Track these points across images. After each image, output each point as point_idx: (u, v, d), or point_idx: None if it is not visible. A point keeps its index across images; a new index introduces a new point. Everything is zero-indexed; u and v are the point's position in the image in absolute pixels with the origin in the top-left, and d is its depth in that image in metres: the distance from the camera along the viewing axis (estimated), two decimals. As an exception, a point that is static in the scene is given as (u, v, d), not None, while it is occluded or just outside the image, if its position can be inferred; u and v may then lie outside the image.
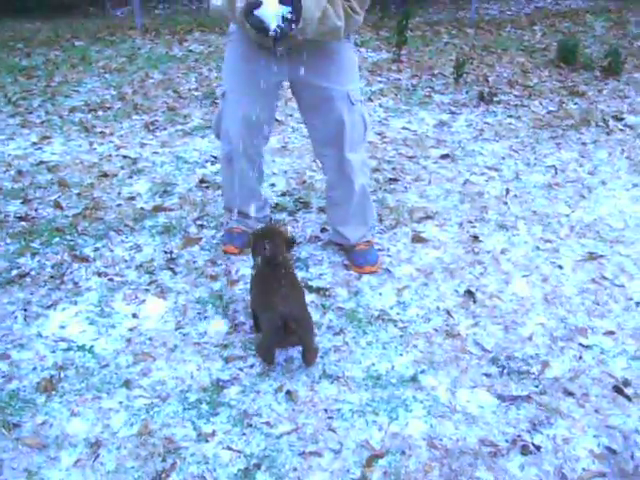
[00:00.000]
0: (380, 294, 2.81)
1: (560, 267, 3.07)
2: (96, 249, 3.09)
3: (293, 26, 2.26)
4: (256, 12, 2.22)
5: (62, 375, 2.30)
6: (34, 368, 2.34)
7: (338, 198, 2.99)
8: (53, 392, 2.23)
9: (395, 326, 2.61)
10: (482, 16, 9.48)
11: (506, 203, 3.65)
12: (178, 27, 7.75)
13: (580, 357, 2.49)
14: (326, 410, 2.19)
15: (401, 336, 2.56)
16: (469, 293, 2.83)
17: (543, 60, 6.96)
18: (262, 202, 3.19)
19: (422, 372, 2.37)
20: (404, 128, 4.77)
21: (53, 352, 2.42)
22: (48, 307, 2.68)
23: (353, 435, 2.10)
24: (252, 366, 2.38)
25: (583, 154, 4.38)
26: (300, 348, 2.33)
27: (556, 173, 4.07)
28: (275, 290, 2.32)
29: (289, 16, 2.22)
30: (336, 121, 2.77)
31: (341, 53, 2.74)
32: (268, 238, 2.49)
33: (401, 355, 2.45)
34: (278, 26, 2.22)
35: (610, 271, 3.05)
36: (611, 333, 2.63)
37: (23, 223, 3.31)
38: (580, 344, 2.56)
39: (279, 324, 2.21)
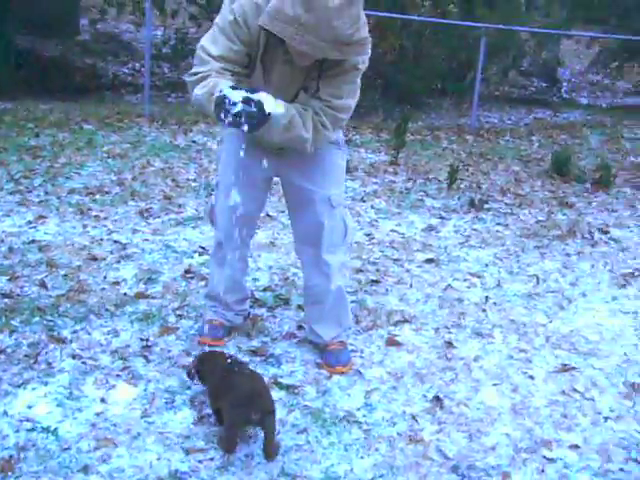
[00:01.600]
0: (348, 395, 2.83)
1: (531, 377, 3.10)
2: (74, 331, 3.13)
3: (254, 125, 2.32)
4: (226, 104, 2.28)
5: (22, 456, 2.31)
6: (-6, 447, 2.36)
7: (314, 296, 3.06)
8: (9, 473, 2.23)
9: (359, 428, 2.62)
10: (482, 124, 9.79)
11: (484, 310, 3.70)
12: (185, 117, 8.00)
13: (542, 470, 2.49)
14: (280, 510, 2.19)
15: (365, 438, 2.56)
16: (437, 399, 2.85)
17: (537, 170, 7.16)
18: (243, 295, 3.25)
19: (381, 476, 2.37)
20: (393, 230, 4.88)
21: (17, 432, 2.43)
22: (18, 386, 2.69)
23: (304, 537, 2.09)
24: (212, 459, 2.38)
25: (566, 265, 4.45)
26: (261, 444, 2.35)
27: (537, 283, 4.13)
28: (235, 382, 2.38)
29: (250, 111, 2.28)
30: (316, 222, 2.86)
31: (327, 158, 2.86)
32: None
33: (362, 458, 2.46)
34: (238, 113, 2.25)
35: (581, 384, 3.07)
36: (576, 447, 2.63)
37: (6, 300, 3.36)
38: (544, 457, 2.56)
39: (243, 413, 2.26)
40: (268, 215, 4.83)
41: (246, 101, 2.26)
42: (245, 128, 2.29)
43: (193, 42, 9.92)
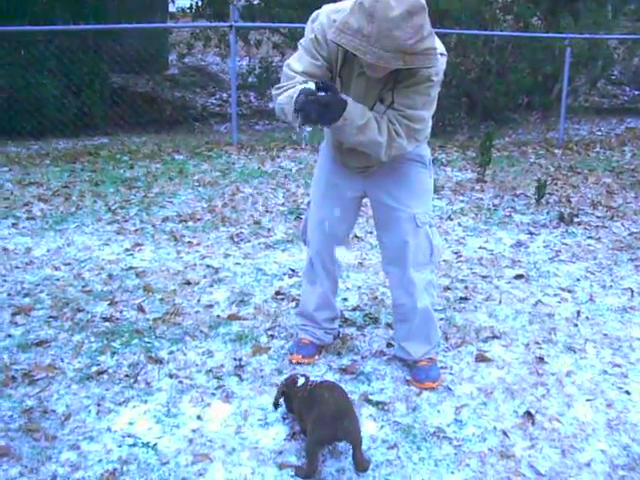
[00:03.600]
0: (438, 411, 2.83)
1: (627, 392, 3.02)
2: (171, 352, 3.27)
3: (327, 119, 2.43)
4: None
5: (125, 469, 2.43)
6: (100, 460, 2.48)
7: (402, 315, 3.09)
8: (114, 486, 2.35)
9: (450, 444, 2.62)
10: (571, 137, 9.60)
11: (576, 325, 3.64)
12: (272, 144, 8.18)
13: (641, 488, 2.44)
14: (371, 523, 2.22)
15: (455, 454, 2.57)
16: (528, 414, 2.82)
17: (631, 181, 6.98)
18: (333, 314, 3.31)
19: (472, 492, 2.38)
20: (481, 247, 4.85)
21: (119, 446, 2.56)
22: (120, 404, 2.83)
23: None
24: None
25: (662, 278, 4.33)
26: (351, 459, 2.40)
27: (632, 296, 4.03)
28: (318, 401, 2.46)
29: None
30: (401, 241, 2.91)
31: (412, 176, 2.92)
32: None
33: (452, 473, 2.46)
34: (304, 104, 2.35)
35: (681, 400, 2.99)
36: (677, 464, 2.56)
37: (107, 324, 3.53)
38: (642, 474, 2.51)
39: (326, 431, 2.32)
40: (356, 236, 4.89)
41: (321, 87, 2.39)
42: (321, 118, 2.40)
43: (278, 70, 10.19)
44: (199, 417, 2.77)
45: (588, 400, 2.96)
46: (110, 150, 7.84)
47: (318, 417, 2.39)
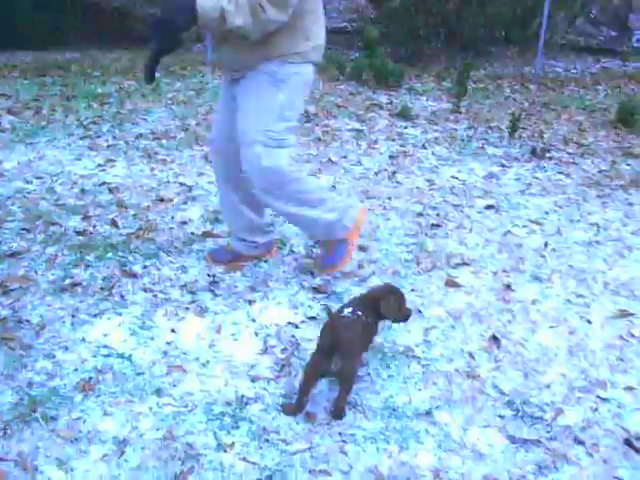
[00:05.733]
0: (408, 331, 2.91)
1: (589, 322, 3.13)
2: (145, 267, 3.29)
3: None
4: None
5: (100, 378, 2.48)
6: (75, 369, 2.53)
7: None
8: (90, 392, 2.40)
9: (418, 363, 2.71)
10: (547, 73, 9.58)
11: (543, 256, 3.72)
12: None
13: (596, 409, 2.54)
14: (340, 434, 2.30)
15: (423, 372, 2.66)
16: (494, 338, 2.92)
17: (602, 120, 7.02)
18: (248, 224, 3.29)
19: (437, 408, 2.46)
20: (453, 177, 4.90)
21: (94, 357, 2.60)
22: (94, 315, 2.87)
23: (363, 460, 2.20)
24: (276, 387, 2.51)
25: (628, 214, 4.42)
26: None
27: (598, 231, 4.12)
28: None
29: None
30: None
31: (255, 93, 2.85)
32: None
33: (420, 390, 2.55)
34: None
35: (639, 329, 3.10)
36: (631, 389, 2.67)
37: (81, 237, 3.54)
38: (598, 396, 2.61)
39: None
40: (330, 160, 4.90)
41: None
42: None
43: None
44: (173, 330, 2.81)
45: (551, 327, 3.05)
46: (81, 65, 7.68)
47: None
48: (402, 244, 3.73)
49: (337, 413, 2.36)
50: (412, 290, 3.22)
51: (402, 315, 2.70)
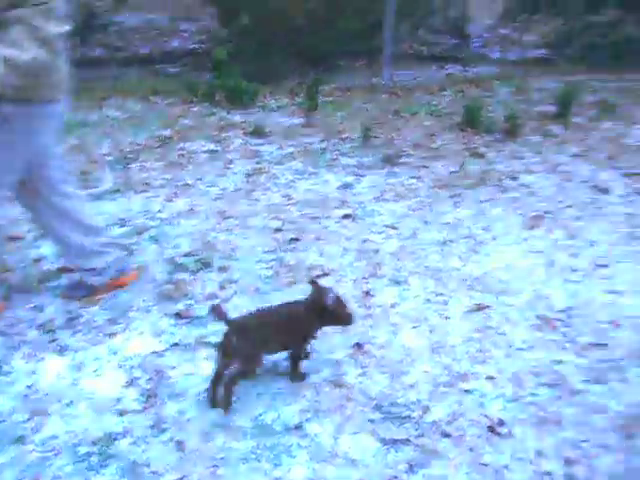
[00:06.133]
0: (272, 350, 2.92)
1: (448, 318, 3.25)
2: (-4, 310, 3.14)
3: None
4: None
5: (-46, 433, 2.34)
6: None
7: None
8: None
9: (285, 378, 2.72)
10: (395, 82, 9.89)
11: (400, 259, 3.83)
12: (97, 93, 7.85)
13: (460, 401, 2.64)
14: (212, 458, 2.27)
15: (291, 386, 2.67)
16: (358, 345, 2.97)
17: (449, 124, 7.30)
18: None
19: (307, 420, 2.48)
20: (310, 190, 4.96)
21: (-56, 411, 2.45)
22: (-56, 368, 2.71)
23: (237, 481, 2.19)
24: (145, 419, 2.45)
25: (478, 211, 4.62)
26: (196, 403, 2.42)
27: (451, 230, 4.28)
28: None
29: None
30: None
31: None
32: None
33: (289, 405, 2.56)
34: None
35: (495, 320, 3.24)
36: (491, 378, 2.79)
37: None
38: (461, 389, 2.71)
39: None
40: (187, 183, 4.85)
41: None
42: None
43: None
44: (33, 372, 2.71)
45: (413, 327, 3.15)
46: None
47: None
48: (262, 261, 3.74)
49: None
50: (275, 306, 3.22)
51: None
